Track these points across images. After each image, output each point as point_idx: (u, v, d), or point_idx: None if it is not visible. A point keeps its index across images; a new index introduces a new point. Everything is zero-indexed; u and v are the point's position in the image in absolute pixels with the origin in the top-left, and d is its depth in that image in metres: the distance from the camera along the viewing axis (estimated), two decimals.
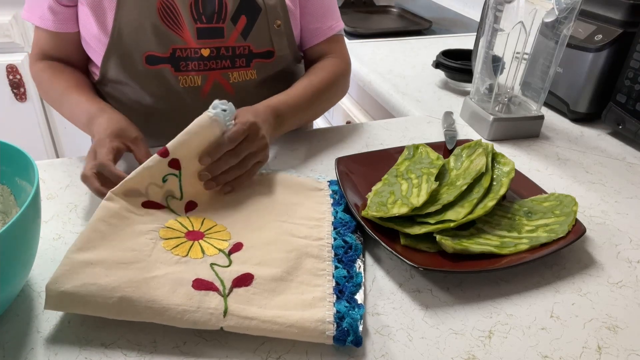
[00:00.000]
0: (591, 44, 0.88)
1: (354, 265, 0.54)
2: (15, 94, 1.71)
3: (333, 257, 0.55)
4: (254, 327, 0.45)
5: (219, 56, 0.77)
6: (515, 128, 0.86)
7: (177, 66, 0.76)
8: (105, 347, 0.45)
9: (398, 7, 1.78)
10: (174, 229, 0.55)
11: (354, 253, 0.55)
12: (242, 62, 0.79)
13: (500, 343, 0.47)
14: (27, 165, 0.50)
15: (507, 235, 0.59)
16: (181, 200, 0.60)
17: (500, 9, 0.81)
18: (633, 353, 0.47)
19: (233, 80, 0.80)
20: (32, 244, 0.47)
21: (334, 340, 0.45)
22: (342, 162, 0.70)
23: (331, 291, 0.50)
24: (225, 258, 0.53)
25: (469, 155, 0.69)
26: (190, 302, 0.46)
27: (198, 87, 0.78)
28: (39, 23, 0.76)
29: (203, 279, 0.49)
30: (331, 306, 0.48)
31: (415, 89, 1.07)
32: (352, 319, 0.46)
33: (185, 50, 0.75)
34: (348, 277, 0.52)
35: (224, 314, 0.46)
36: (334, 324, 0.46)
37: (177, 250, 0.52)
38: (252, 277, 0.50)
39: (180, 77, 0.76)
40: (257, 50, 0.79)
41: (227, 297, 0.47)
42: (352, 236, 0.58)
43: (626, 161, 0.82)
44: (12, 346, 0.45)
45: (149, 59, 0.74)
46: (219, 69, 0.78)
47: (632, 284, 0.55)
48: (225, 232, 0.57)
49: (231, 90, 0.80)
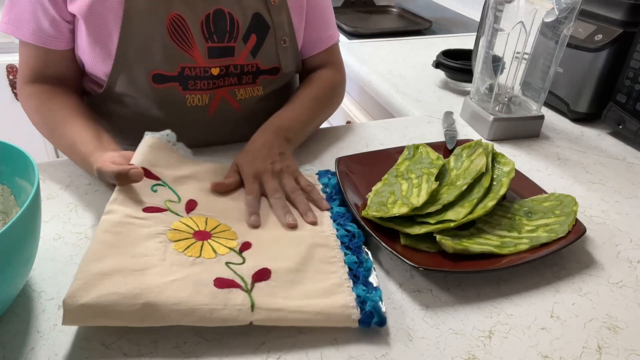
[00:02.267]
0: (591, 44, 0.88)
1: (361, 251, 0.56)
2: (15, 94, 1.72)
3: (340, 245, 0.56)
4: (282, 318, 0.46)
5: (227, 74, 0.76)
6: (516, 128, 0.86)
7: (185, 85, 0.73)
8: (106, 347, 0.45)
9: (398, 7, 1.78)
10: (181, 230, 0.55)
11: (358, 240, 0.57)
12: (248, 79, 0.78)
13: (501, 343, 0.47)
14: (27, 165, 0.50)
15: (507, 235, 0.59)
16: (180, 203, 0.60)
17: (501, 9, 0.81)
18: (633, 353, 0.47)
19: (240, 97, 0.78)
20: (32, 244, 0.47)
21: (360, 323, 0.47)
22: (342, 162, 0.70)
23: (347, 277, 0.52)
24: (238, 256, 0.53)
25: (469, 155, 0.69)
26: (216, 301, 0.46)
27: (205, 106, 0.76)
28: (31, 40, 0.69)
29: (223, 277, 0.49)
30: (350, 291, 0.49)
31: (415, 89, 1.07)
32: (373, 301, 0.48)
33: (194, 69, 0.73)
34: (359, 263, 0.54)
35: (251, 308, 0.46)
36: (357, 308, 0.47)
37: (190, 252, 0.52)
38: (270, 271, 0.51)
39: (187, 95, 0.74)
40: (264, 68, 0.78)
41: (251, 292, 0.48)
42: (353, 225, 0.59)
43: (626, 161, 0.82)
44: (12, 346, 0.45)
45: (156, 77, 0.72)
46: (226, 86, 0.77)
47: (632, 284, 0.55)
48: (231, 231, 0.57)
49: (237, 106, 0.79)
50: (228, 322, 0.46)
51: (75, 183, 0.68)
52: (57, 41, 0.70)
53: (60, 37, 0.70)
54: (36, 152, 1.81)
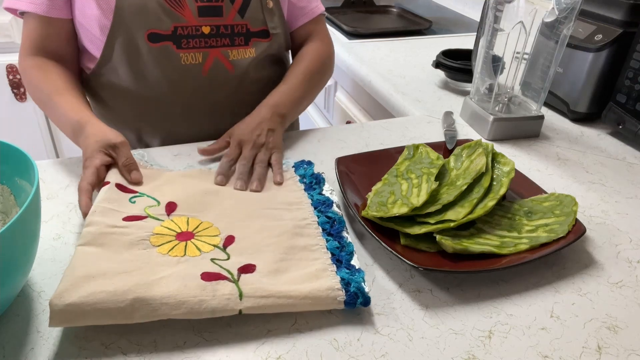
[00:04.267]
0: (591, 44, 0.88)
1: (343, 236, 0.57)
2: (15, 94, 1.72)
3: (322, 232, 0.58)
4: (270, 304, 0.47)
5: (218, 34, 0.80)
6: (515, 128, 0.86)
7: (179, 43, 0.78)
8: (106, 347, 0.45)
9: (398, 7, 1.78)
10: (163, 234, 0.55)
11: (339, 225, 0.59)
12: (241, 41, 0.82)
13: (500, 343, 0.47)
14: (27, 165, 0.50)
15: (507, 235, 0.59)
16: (159, 206, 0.60)
17: (500, 9, 0.81)
18: (633, 353, 0.47)
19: (232, 58, 0.82)
20: (32, 244, 0.47)
21: (345, 305, 0.48)
22: (342, 162, 0.70)
23: (330, 262, 0.53)
24: (222, 252, 0.53)
25: (469, 155, 0.69)
26: (204, 293, 0.47)
27: (199, 65, 0.80)
28: (29, 8, 0.74)
29: (209, 271, 0.50)
30: (334, 275, 0.51)
31: (415, 89, 1.07)
32: (357, 282, 0.49)
33: (186, 28, 0.77)
34: (340, 247, 0.55)
35: (239, 297, 0.47)
36: (342, 290, 0.49)
37: (174, 252, 0.53)
38: (254, 266, 0.51)
39: (182, 54, 0.78)
40: (254, 29, 0.82)
41: (238, 282, 0.49)
42: (333, 211, 0.61)
43: (626, 161, 0.82)
44: (12, 346, 0.45)
45: (151, 36, 0.76)
46: (219, 46, 0.81)
47: (632, 284, 0.55)
48: (213, 227, 0.58)
49: (230, 68, 0.82)
50: (217, 313, 0.46)
51: (75, 183, 0.68)
52: (53, 9, 0.75)
53: (54, 4, 0.75)
54: (36, 152, 1.81)
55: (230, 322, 0.48)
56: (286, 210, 0.61)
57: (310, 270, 0.51)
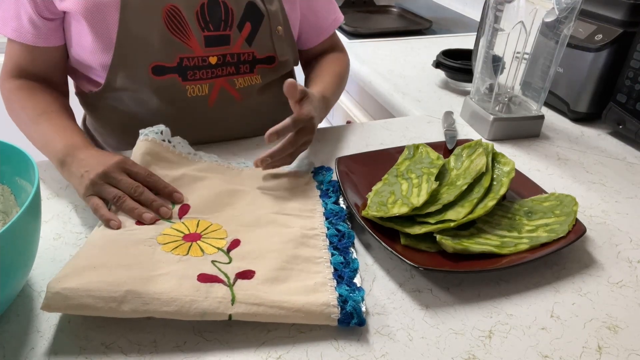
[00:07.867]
0: (591, 44, 0.88)
1: (349, 251, 0.56)
2: None
3: (328, 245, 0.56)
4: (261, 313, 0.46)
5: (225, 63, 0.77)
6: (516, 128, 0.86)
7: (185, 75, 0.74)
8: (106, 347, 0.45)
9: (398, 7, 1.78)
10: (171, 235, 0.56)
11: (347, 240, 0.57)
12: (246, 68, 0.79)
13: (500, 343, 0.47)
14: (27, 165, 0.50)
15: (507, 235, 0.59)
16: (173, 209, 0.61)
17: (501, 8, 0.81)
18: (633, 353, 0.47)
19: (239, 86, 0.79)
20: (32, 244, 0.47)
21: (339, 323, 0.47)
22: (342, 162, 0.70)
23: (331, 277, 0.52)
24: (225, 256, 0.53)
25: (469, 155, 0.69)
26: (197, 293, 0.47)
27: (205, 96, 0.77)
28: (13, 36, 0.71)
29: (207, 273, 0.50)
30: (333, 290, 0.50)
31: (415, 89, 1.07)
32: (354, 301, 0.48)
33: (192, 59, 0.74)
34: (345, 263, 0.54)
35: (232, 301, 0.46)
36: (338, 307, 0.47)
37: (177, 251, 0.53)
38: (254, 272, 0.51)
39: (188, 86, 0.75)
40: (260, 56, 0.80)
41: (233, 286, 0.48)
42: (344, 225, 0.59)
43: (626, 161, 0.82)
44: (12, 346, 0.45)
45: (155, 69, 0.73)
46: (224, 75, 0.78)
47: (632, 284, 0.55)
48: (222, 230, 0.57)
49: (237, 96, 0.79)
50: (207, 316, 0.46)
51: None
52: (37, 38, 0.71)
53: (40, 34, 0.71)
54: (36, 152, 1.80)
55: (230, 322, 0.48)
56: (297, 217, 0.60)
57: (309, 283, 0.50)
